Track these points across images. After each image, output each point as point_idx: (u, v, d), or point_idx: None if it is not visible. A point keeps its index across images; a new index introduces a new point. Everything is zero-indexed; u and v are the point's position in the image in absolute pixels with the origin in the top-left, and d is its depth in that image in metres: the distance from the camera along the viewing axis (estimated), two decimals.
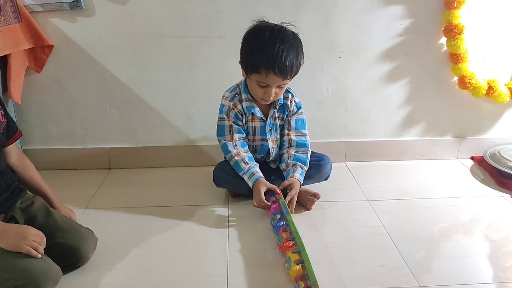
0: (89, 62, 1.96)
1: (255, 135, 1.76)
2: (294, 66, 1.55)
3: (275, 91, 1.60)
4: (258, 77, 1.56)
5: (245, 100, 1.69)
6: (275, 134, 1.77)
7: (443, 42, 2.01)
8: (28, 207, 1.34)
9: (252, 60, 1.55)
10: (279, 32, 1.54)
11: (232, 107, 1.70)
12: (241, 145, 1.72)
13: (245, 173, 1.67)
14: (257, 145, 1.78)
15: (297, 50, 1.56)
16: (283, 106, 1.75)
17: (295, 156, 1.73)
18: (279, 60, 1.50)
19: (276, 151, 1.79)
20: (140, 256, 1.44)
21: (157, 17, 1.90)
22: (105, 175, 2.04)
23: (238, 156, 1.69)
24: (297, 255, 1.32)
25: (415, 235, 1.55)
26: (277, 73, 1.52)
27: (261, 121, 1.74)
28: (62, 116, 2.04)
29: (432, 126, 2.16)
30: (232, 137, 1.71)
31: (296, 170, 1.70)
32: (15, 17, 1.78)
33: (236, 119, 1.72)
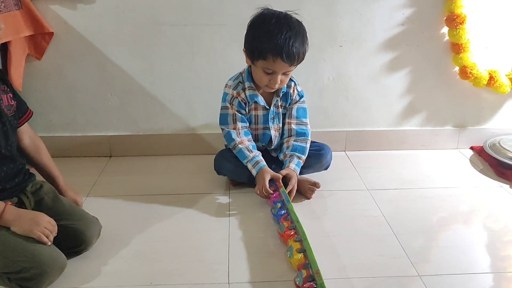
0: (89, 50, 1.95)
1: (258, 123, 1.77)
2: (301, 52, 1.57)
3: (280, 78, 1.61)
4: (264, 64, 1.57)
5: (248, 88, 1.70)
6: (277, 122, 1.78)
7: (444, 32, 2.00)
8: (37, 190, 1.38)
9: (259, 46, 1.56)
10: (285, 19, 1.56)
11: (236, 96, 1.71)
12: (244, 133, 1.73)
13: (249, 161, 1.68)
14: (259, 133, 1.78)
15: (303, 37, 1.58)
16: (286, 94, 1.75)
17: (293, 146, 1.74)
18: (287, 46, 1.52)
19: (278, 139, 1.80)
20: (142, 244, 1.46)
21: (158, 5, 1.89)
22: (106, 163, 2.05)
23: (242, 144, 1.69)
24: (299, 243, 1.33)
25: (414, 225, 1.57)
26: (285, 59, 1.53)
27: (264, 110, 1.74)
28: (63, 104, 2.04)
29: (432, 116, 2.17)
30: (236, 125, 1.72)
31: (293, 161, 1.71)
32: (16, 4, 1.77)
33: (239, 108, 1.72)
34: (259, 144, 1.80)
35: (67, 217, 1.35)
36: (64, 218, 1.34)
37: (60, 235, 1.29)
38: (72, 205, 1.42)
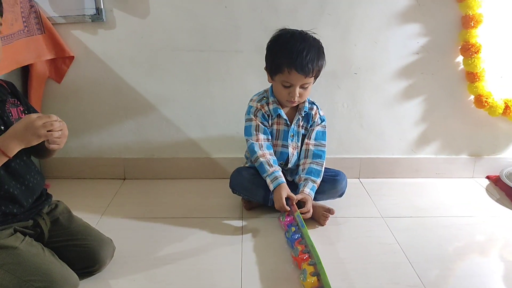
0: (108, 74, 1.99)
1: (278, 139, 1.79)
2: (315, 63, 1.61)
3: (299, 91, 1.65)
4: (281, 77, 1.63)
5: (272, 102, 1.74)
6: (296, 141, 1.80)
7: (459, 61, 2.01)
8: (52, 210, 1.38)
9: (275, 61, 1.63)
10: (300, 35, 1.64)
11: (260, 108, 1.75)
12: (266, 147, 1.75)
13: (268, 175, 1.69)
14: (278, 150, 1.80)
15: (318, 50, 1.64)
16: (307, 115, 1.78)
17: (309, 169, 1.75)
18: (300, 57, 1.57)
19: (295, 158, 1.81)
20: (154, 266, 1.45)
21: (176, 31, 1.93)
22: (120, 185, 2.06)
23: (264, 157, 1.71)
24: (313, 267, 1.32)
25: (430, 253, 1.54)
26: (299, 70, 1.58)
27: (285, 125, 1.77)
28: (80, 126, 2.07)
29: (447, 144, 2.16)
30: (258, 137, 1.74)
31: (307, 185, 1.71)
32: (38, 29, 1.82)
33: (263, 119, 1.76)
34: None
35: (82, 236, 1.36)
36: (79, 238, 1.35)
37: (74, 255, 1.30)
38: (86, 225, 1.43)
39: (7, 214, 1.23)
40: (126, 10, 1.90)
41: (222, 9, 1.91)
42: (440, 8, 1.94)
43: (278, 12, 1.92)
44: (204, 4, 1.90)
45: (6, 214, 1.23)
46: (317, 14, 1.93)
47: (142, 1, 1.89)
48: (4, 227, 1.22)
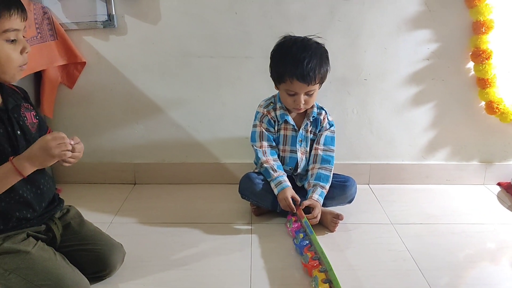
0: (119, 79, 2.01)
1: (286, 144, 1.79)
2: (317, 71, 1.61)
3: (304, 99, 1.66)
4: (285, 86, 1.65)
5: (279, 108, 1.75)
6: (304, 146, 1.80)
7: (470, 67, 2.00)
8: (64, 215, 1.40)
9: (278, 71, 1.65)
10: (302, 42, 1.64)
11: (266, 114, 1.76)
12: (270, 153, 1.76)
13: (272, 180, 1.71)
14: (286, 156, 1.80)
15: (320, 56, 1.63)
16: (316, 120, 1.79)
17: (317, 174, 1.75)
18: (301, 66, 1.58)
19: (304, 163, 1.81)
20: (164, 271, 1.45)
21: (187, 37, 1.95)
22: (130, 190, 2.07)
23: (267, 163, 1.72)
24: (324, 274, 1.32)
25: (440, 261, 1.53)
26: (300, 79, 1.59)
27: (293, 131, 1.77)
28: (91, 131, 2.09)
29: (458, 151, 2.14)
30: (262, 143, 1.76)
31: (316, 191, 1.72)
32: (51, 35, 1.84)
33: (268, 126, 1.77)
34: (286, 168, 1.81)
35: (92, 241, 1.37)
36: (89, 242, 1.36)
37: (85, 259, 1.32)
38: (97, 230, 1.44)
39: (21, 219, 1.25)
40: (138, 16, 1.92)
41: (233, 15, 1.92)
42: (451, 14, 1.93)
43: (288, 18, 1.92)
44: (215, 11, 1.92)
45: (20, 219, 1.24)
46: (327, 20, 1.93)
47: (153, 8, 1.91)
48: (17, 232, 1.24)
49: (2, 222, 1.21)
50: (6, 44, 1.13)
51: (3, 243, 1.20)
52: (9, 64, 1.15)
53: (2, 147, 1.18)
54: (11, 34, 1.13)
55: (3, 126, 1.19)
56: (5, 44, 1.13)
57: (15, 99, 1.26)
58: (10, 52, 1.14)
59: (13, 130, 1.21)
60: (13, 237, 1.23)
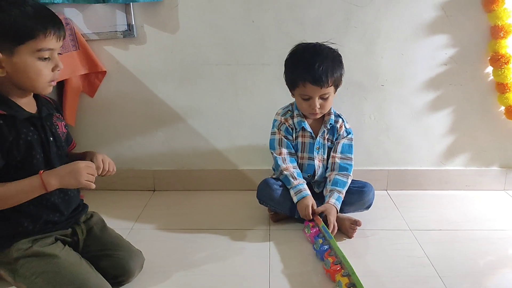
0: (138, 88, 2.05)
1: (304, 152, 1.80)
2: (329, 74, 1.62)
3: (319, 103, 1.67)
4: (299, 91, 1.67)
5: (296, 116, 1.77)
6: (322, 153, 1.81)
7: (489, 72, 1.99)
8: (88, 220, 1.44)
9: (291, 76, 1.68)
10: (314, 48, 1.67)
11: (284, 122, 1.78)
12: (290, 160, 1.77)
13: (292, 188, 1.72)
14: (304, 163, 1.81)
15: (333, 60, 1.66)
16: (333, 128, 1.80)
17: (334, 180, 1.76)
18: (312, 69, 1.60)
19: (321, 170, 1.82)
20: (183, 277, 1.47)
21: (204, 46, 1.98)
22: (150, 197, 2.10)
23: (287, 171, 1.74)
24: (347, 278, 1.32)
25: (460, 268, 1.52)
26: (312, 82, 1.62)
27: (310, 138, 1.79)
28: (111, 139, 2.13)
29: (477, 156, 2.12)
30: (281, 151, 1.77)
31: (332, 196, 1.72)
32: (73, 45, 1.89)
33: (286, 133, 1.78)
34: (304, 175, 1.81)
35: (113, 247, 1.39)
36: (110, 248, 1.39)
37: (104, 265, 1.34)
38: (118, 236, 1.47)
39: (48, 222, 1.29)
40: (157, 26, 1.96)
41: (250, 23, 1.95)
42: (469, 19, 1.92)
43: (303, 26, 1.94)
44: (232, 19, 1.94)
45: (47, 222, 1.28)
46: (343, 27, 1.94)
47: (172, 17, 1.94)
48: (46, 235, 1.28)
49: (31, 223, 1.25)
50: (38, 61, 1.17)
51: (32, 246, 1.24)
52: (39, 79, 1.19)
53: (35, 151, 1.23)
54: (45, 53, 1.17)
55: (37, 132, 1.24)
56: (37, 61, 1.17)
57: (48, 108, 1.32)
58: (41, 68, 1.18)
59: (46, 136, 1.26)
60: (42, 240, 1.27)
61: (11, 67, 1.15)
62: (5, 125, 1.17)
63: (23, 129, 1.21)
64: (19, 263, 1.23)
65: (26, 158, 1.21)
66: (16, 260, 1.23)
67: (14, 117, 1.19)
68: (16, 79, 1.18)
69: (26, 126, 1.22)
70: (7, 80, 1.18)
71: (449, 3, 1.91)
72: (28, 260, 1.23)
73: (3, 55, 1.13)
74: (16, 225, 1.24)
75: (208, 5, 1.93)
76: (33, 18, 1.13)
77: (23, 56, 1.14)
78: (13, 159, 1.19)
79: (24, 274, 1.23)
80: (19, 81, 1.18)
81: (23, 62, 1.15)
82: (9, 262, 1.25)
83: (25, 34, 1.13)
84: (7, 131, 1.17)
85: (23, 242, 1.24)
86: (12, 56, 1.13)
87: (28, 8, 1.13)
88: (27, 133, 1.21)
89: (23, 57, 1.14)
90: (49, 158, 1.26)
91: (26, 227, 1.25)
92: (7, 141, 1.17)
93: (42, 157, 1.25)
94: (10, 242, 1.24)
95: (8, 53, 1.13)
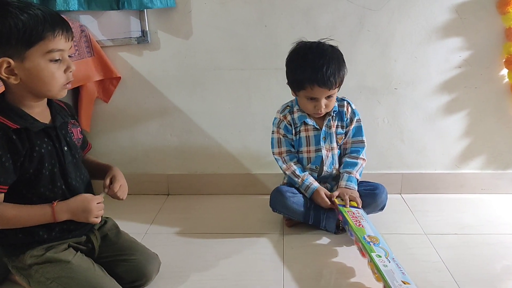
0: (152, 93, 2.07)
1: (310, 145, 1.80)
2: (337, 75, 1.63)
3: (325, 103, 1.68)
4: (305, 93, 1.67)
5: (297, 111, 1.77)
6: (329, 142, 1.80)
7: (504, 74, 1.97)
8: (102, 226, 1.45)
9: (296, 78, 1.67)
10: (317, 48, 1.66)
11: (282, 119, 1.79)
12: (289, 158, 1.79)
13: (300, 186, 1.75)
14: (312, 156, 1.81)
15: (338, 60, 1.65)
16: (339, 113, 1.79)
17: (344, 163, 1.81)
18: (321, 72, 1.60)
19: (330, 160, 1.81)
20: (198, 282, 1.48)
21: (218, 51, 1.99)
22: (164, 201, 2.12)
23: (289, 170, 1.77)
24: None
25: (476, 273, 1.50)
26: (321, 85, 1.61)
27: (315, 130, 1.78)
28: (126, 143, 2.15)
29: (493, 159, 2.10)
30: (280, 150, 1.80)
31: (343, 178, 1.76)
32: (88, 52, 1.92)
33: (285, 131, 1.79)
34: (311, 166, 1.81)
35: (129, 251, 1.41)
36: (126, 253, 1.40)
37: (122, 269, 1.36)
38: (133, 240, 1.48)
39: (64, 230, 1.30)
40: (170, 32, 1.98)
41: (262, 28, 1.96)
42: (483, 21, 1.91)
43: (316, 30, 1.94)
44: (245, 24, 1.95)
45: (63, 230, 1.30)
46: (356, 30, 1.94)
47: (185, 23, 1.96)
48: (60, 242, 1.29)
49: (46, 232, 1.26)
50: (50, 63, 1.16)
51: (46, 252, 1.26)
52: (53, 83, 1.18)
53: (48, 163, 1.23)
54: (55, 54, 1.16)
55: (51, 142, 1.24)
56: (49, 64, 1.16)
57: (62, 117, 1.31)
58: (54, 71, 1.17)
59: (60, 146, 1.26)
60: (55, 247, 1.28)
61: (24, 73, 1.14)
62: (19, 140, 1.16)
63: (37, 141, 1.20)
64: (34, 269, 1.25)
65: (38, 170, 1.21)
66: (30, 266, 1.25)
67: (28, 130, 1.18)
68: (31, 85, 1.16)
69: (40, 137, 1.21)
70: (21, 88, 1.17)
71: (463, 5, 1.89)
72: (42, 266, 1.25)
73: (15, 62, 1.12)
74: (31, 234, 1.25)
75: (221, 11, 1.94)
76: (41, 20, 1.13)
77: (35, 60, 1.13)
78: (25, 172, 1.19)
79: (39, 280, 1.25)
80: (33, 86, 1.17)
81: (35, 66, 1.14)
82: (23, 268, 1.26)
83: (34, 36, 1.12)
84: (21, 146, 1.16)
85: (37, 249, 1.26)
86: (23, 62, 1.12)
87: (37, 11, 1.13)
88: (41, 144, 1.21)
89: (35, 61, 1.13)
90: (64, 167, 1.27)
91: (41, 236, 1.26)
92: (21, 156, 1.17)
93: (58, 168, 1.25)
94: (25, 249, 1.26)
95: (19, 59, 1.12)
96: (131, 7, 1.85)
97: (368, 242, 1.47)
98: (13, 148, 1.15)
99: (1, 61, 1.11)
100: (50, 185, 1.25)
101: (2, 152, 1.14)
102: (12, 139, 1.15)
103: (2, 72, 1.12)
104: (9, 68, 1.12)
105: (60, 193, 1.27)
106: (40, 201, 1.23)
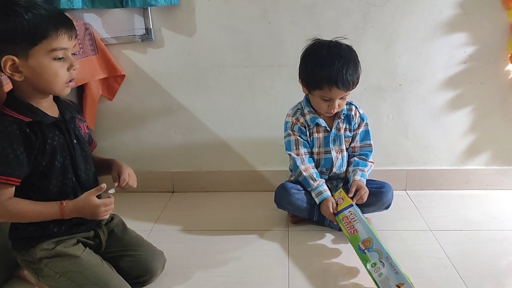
0: (157, 91, 2.07)
1: (320, 147, 1.80)
2: (355, 78, 1.64)
3: (338, 103, 1.67)
4: (321, 93, 1.66)
5: (308, 113, 1.77)
6: (338, 144, 1.80)
7: (509, 69, 1.95)
8: (109, 222, 1.46)
9: (314, 77, 1.65)
10: (335, 48, 1.65)
11: (295, 122, 1.77)
12: (308, 160, 1.77)
13: (313, 190, 1.73)
14: (321, 158, 1.81)
15: (355, 62, 1.66)
16: (347, 116, 1.79)
17: (355, 162, 1.80)
18: (341, 74, 1.59)
19: (339, 162, 1.81)
20: (203, 278, 1.49)
21: (221, 48, 1.99)
22: (169, 198, 2.12)
23: (307, 172, 1.74)
24: None
25: (482, 269, 1.50)
26: (340, 87, 1.61)
27: (325, 132, 1.78)
28: (131, 141, 2.15)
29: (499, 155, 2.09)
30: (299, 151, 1.77)
31: (356, 173, 1.75)
32: (92, 50, 1.92)
33: (300, 133, 1.78)
34: (322, 169, 1.81)
35: (135, 248, 1.42)
36: (132, 249, 1.42)
37: (127, 265, 1.37)
38: (139, 237, 1.49)
39: (73, 225, 1.31)
40: (174, 29, 1.98)
41: (266, 25, 1.95)
42: (488, 16, 1.90)
43: (320, 26, 1.94)
44: (249, 21, 1.95)
45: (72, 224, 1.31)
46: (360, 27, 1.94)
47: (189, 20, 1.96)
48: (69, 237, 1.31)
49: (55, 226, 1.28)
50: (53, 61, 1.18)
51: (56, 246, 1.27)
52: (57, 80, 1.20)
53: (60, 155, 1.25)
54: (58, 52, 1.17)
55: (62, 135, 1.26)
56: (53, 62, 1.17)
57: (70, 111, 1.34)
58: (57, 69, 1.19)
59: (70, 139, 1.28)
60: (65, 241, 1.30)
61: (28, 71, 1.16)
62: (32, 133, 1.18)
63: (49, 134, 1.23)
64: (43, 263, 1.27)
65: (51, 162, 1.23)
66: (40, 260, 1.27)
67: (40, 123, 1.21)
68: (35, 82, 1.18)
69: (52, 130, 1.24)
70: (26, 85, 1.19)
71: (468, 0, 1.88)
72: (52, 260, 1.27)
73: (19, 60, 1.14)
74: (42, 228, 1.26)
75: (225, 8, 1.94)
76: (45, 19, 1.14)
77: (39, 58, 1.15)
78: (38, 165, 1.21)
79: (48, 274, 1.26)
80: (37, 84, 1.19)
81: (39, 64, 1.16)
82: (33, 262, 1.28)
83: (38, 35, 1.13)
84: (35, 139, 1.19)
85: (48, 243, 1.28)
86: (27, 60, 1.14)
87: (42, 10, 1.14)
88: (53, 137, 1.23)
89: (38, 59, 1.15)
90: (75, 160, 1.29)
91: (52, 229, 1.28)
92: (35, 149, 1.19)
93: (69, 160, 1.27)
94: (35, 243, 1.27)
95: (23, 57, 1.14)
96: (135, 5, 1.85)
97: (363, 252, 1.45)
98: (27, 141, 1.18)
99: (6, 59, 1.13)
100: (61, 176, 1.26)
101: (17, 146, 1.16)
102: (26, 133, 1.17)
103: (7, 69, 1.14)
104: (14, 65, 1.14)
105: (71, 185, 1.29)
106: (50, 193, 1.25)
